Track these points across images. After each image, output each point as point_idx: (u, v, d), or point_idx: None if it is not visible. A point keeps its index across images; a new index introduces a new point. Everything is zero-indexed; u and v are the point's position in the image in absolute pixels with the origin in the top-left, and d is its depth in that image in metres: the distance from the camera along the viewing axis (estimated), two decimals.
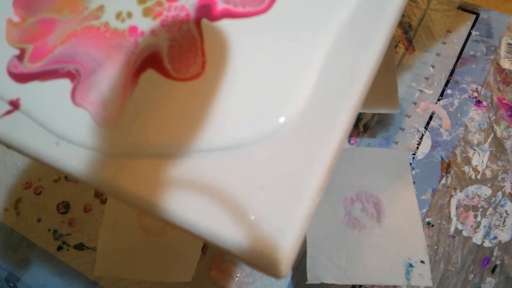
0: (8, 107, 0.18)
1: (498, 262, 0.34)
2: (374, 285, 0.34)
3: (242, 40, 0.18)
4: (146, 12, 0.19)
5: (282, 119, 0.16)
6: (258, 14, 0.18)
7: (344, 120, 0.16)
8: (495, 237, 0.35)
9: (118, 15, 0.19)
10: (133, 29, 0.18)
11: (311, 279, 0.33)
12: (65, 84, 0.18)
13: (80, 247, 0.37)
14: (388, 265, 0.33)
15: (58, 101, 0.18)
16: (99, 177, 0.17)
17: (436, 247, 0.35)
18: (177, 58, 0.18)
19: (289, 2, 0.18)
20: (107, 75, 0.18)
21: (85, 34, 0.19)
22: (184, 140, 0.16)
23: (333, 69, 0.17)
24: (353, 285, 0.34)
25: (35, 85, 0.18)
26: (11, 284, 0.37)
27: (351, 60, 0.16)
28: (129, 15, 0.19)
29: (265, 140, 0.16)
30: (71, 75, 0.18)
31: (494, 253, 0.35)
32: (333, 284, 0.33)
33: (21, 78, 0.18)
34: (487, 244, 0.35)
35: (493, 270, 0.34)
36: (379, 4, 0.17)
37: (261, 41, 0.17)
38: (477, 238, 0.35)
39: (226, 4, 0.18)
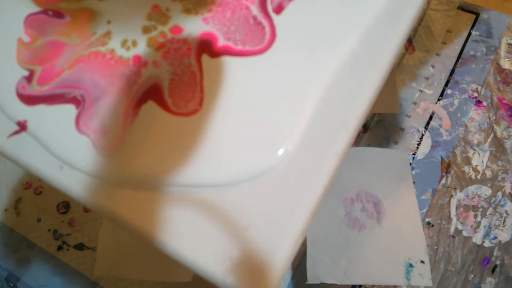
0: (16, 128, 0.18)
1: (498, 262, 0.34)
2: (374, 285, 0.34)
3: (240, 78, 0.18)
4: (150, 42, 0.19)
5: (271, 162, 0.17)
6: (257, 54, 0.18)
7: (331, 166, 0.16)
8: (495, 237, 0.35)
9: (124, 43, 0.19)
10: (137, 59, 0.19)
11: (311, 279, 0.33)
12: (70, 110, 0.18)
13: (80, 247, 0.37)
14: (388, 265, 0.33)
15: (63, 126, 0.18)
16: (97, 203, 0.17)
17: (436, 247, 0.35)
18: (177, 92, 0.18)
19: (288, 44, 0.18)
20: (110, 104, 0.18)
21: (92, 60, 0.19)
22: (175, 175, 0.17)
23: (324, 114, 0.17)
24: (353, 285, 0.34)
25: (42, 108, 0.19)
26: (11, 284, 0.37)
27: (343, 106, 0.17)
28: (134, 43, 0.19)
29: (254, 180, 0.17)
30: (77, 101, 0.19)
31: (494, 253, 0.35)
32: (333, 284, 0.33)
33: (29, 100, 0.19)
34: (487, 244, 0.35)
35: (493, 270, 0.34)
36: (374, 55, 0.17)
37: (259, 80, 0.18)
38: (477, 238, 0.35)
39: (227, 41, 0.19)
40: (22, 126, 0.18)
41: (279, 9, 0.19)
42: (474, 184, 0.37)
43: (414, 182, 0.36)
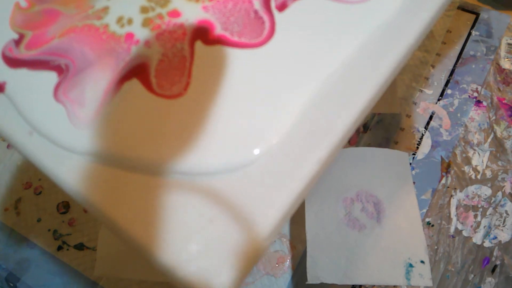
0: None
1: (498, 262, 0.34)
2: (374, 285, 0.34)
3: (231, 69, 0.18)
4: (146, 22, 0.19)
5: (248, 158, 0.16)
6: (252, 47, 0.18)
7: (309, 172, 0.16)
8: (495, 237, 0.35)
9: (119, 20, 0.19)
10: (129, 36, 0.19)
11: (311, 279, 0.33)
12: (51, 77, 0.18)
13: (80, 247, 0.37)
14: (388, 265, 0.33)
15: (40, 92, 0.18)
16: (59, 174, 0.17)
17: (436, 247, 0.35)
18: (164, 73, 0.18)
19: (285, 43, 0.18)
20: (92, 76, 0.18)
21: (84, 32, 0.19)
22: (146, 157, 0.17)
23: (311, 118, 0.17)
24: (353, 285, 0.34)
25: (23, 72, 0.18)
26: (11, 284, 0.37)
27: (332, 114, 0.17)
28: (130, 21, 0.19)
29: (228, 173, 0.16)
30: (60, 70, 0.18)
31: (494, 253, 0.35)
32: (333, 284, 0.33)
33: (13, 62, 0.19)
34: (487, 244, 0.35)
35: (493, 270, 0.34)
36: (371, 66, 0.17)
37: (249, 74, 0.18)
38: (477, 238, 0.35)
39: (224, 30, 0.18)
40: (0, 88, 0.18)
41: (282, 7, 0.19)
42: (474, 184, 0.37)
43: (414, 182, 0.36)
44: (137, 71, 0.18)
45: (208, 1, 0.19)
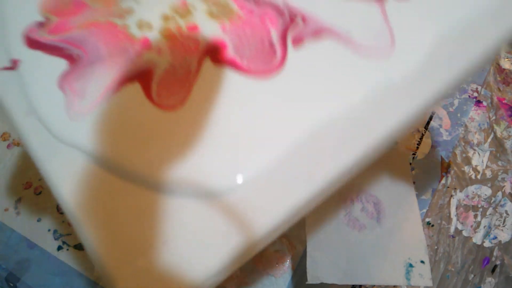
0: (8, 65, 0.19)
1: (498, 262, 0.34)
2: (374, 285, 0.34)
3: (231, 93, 0.18)
4: (163, 31, 0.19)
5: (223, 187, 0.16)
6: (257, 77, 0.18)
7: (275, 219, 0.16)
8: (495, 237, 0.35)
9: (140, 23, 0.19)
10: (145, 41, 0.19)
11: (311, 279, 0.33)
12: (61, 64, 0.19)
13: (80, 247, 0.37)
14: (388, 265, 0.33)
15: (48, 76, 0.19)
16: (43, 159, 0.17)
17: (436, 247, 0.35)
18: (166, 83, 0.18)
19: (290, 79, 0.18)
20: (99, 72, 0.18)
21: (104, 28, 0.20)
22: (125, 161, 0.17)
23: (296, 162, 0.16)
24: (353, 285, 0.34)
25: (38, 54, 0.19)
26: (11, 284, 0.37)
27: (318, 162, 0.16)
28: (149, 26, 0.19)
29: (197, 199, 0.16)
30: (72, 59, 0.19)
31: (494, 253, 0.35)
32: (333, 284, 0.33)
33: (32, 43, 0.19)
34: (487, 244, 0.35)
35: (493, 270, 0.34)
36: (373, 122, 0.17)
37: (246, 101, 0.18)
38: (477, 238, 0.35)
39: (235, 53, 0.18)
40: (14, 65, 0.19)
41: (297, 41, 0.18)
42: (474, 184, 0.37)
43: (414, 182, 0.36)
44: (141, 75, 0.18)
45: (228, 22, 0.19)
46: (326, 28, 0.18)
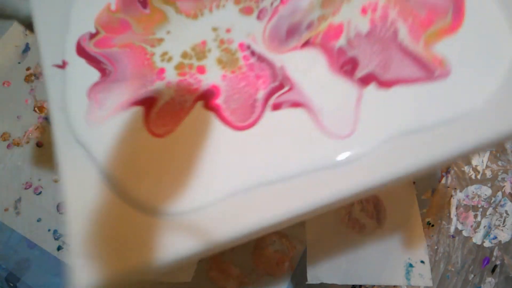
0: (60, 63, 0.22)
1: (498, 262, 0.34)
2: (374, 285, 0.34)
3: (207, 137, 0.20)
4: (179, 66, 0.22)
5: (175, 210, 0.19)
6: (233, 128, 0.20)
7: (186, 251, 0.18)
8: (495, 237, 0.35)
9: (164, 54, 0.22)
10: (161, 71, 0.22)
11: (311, 279, 0.33)
12: (95, 76, 0.22)
13: None
14: (388, 265, 0.33)
15: (83, 82, 0.22)
16: (61, 154, 0.20)
17: (436, 247, 0.35)
18: (162, 113, 0.21)
19: (256, 139, 0.20)
20: (119, 89, 0.21)
21: (136, 51, 0.22)
22: (113, 173, 0.19)
23: (227, 206, 0.19)
24: (353, 285, 0.34)
25: (82, 61, 0.22)
26: (11, 284, 0.37)
27: (241, 214, 0.18)
28: (169, 59, 0.22)
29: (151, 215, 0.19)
30: (104, 73, 0.22)
31: (494, 253, 0.35)
32: (333, 284, 0.33)
33: (80, 51, 0.23)
34: (487, 244, 0.35)
35: (493, 270, 0.34)
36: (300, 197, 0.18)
37: (218, 146, 0.20)
38: (477, 238, 0.35)
39: (224, 102, 0.21)
40: (63, 64, 0.22)
41: (276, 107, 0.20)
42: (474, 184, 0.37)
43: (414, 182, 0.36)
44: (147, 102, 0.21)
45: (230, 73, 0.21)
46: (304, 102, 0.20)
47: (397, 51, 0.20)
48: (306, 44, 0.21)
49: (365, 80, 0.20)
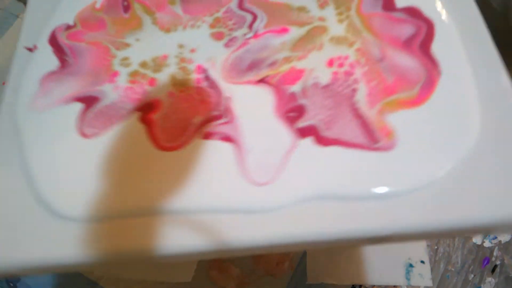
0: (31, 46, 0.23)
1: (498, 262, 0.34)
2: (374, 285, 0.34)
3: (132, 150, 0.20)
4: (132, 74, 0.22)
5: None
6: (158, 147, 0.19)
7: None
8: (495, 237, 0.35)
9: (125, 59, 0.22)
10: (114, 74, 0.22)
11: (311, 279, 0.33)
12: (55, 65, 0.23)
13: None
14: (388, 265, 0.33)
15: (41, 69, 0.22)
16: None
17: (436, 247, 0.35)
18: (98, 115, 0.21)
19: (180, 163, 0.19)
20: (69, 83, 0.22)
21: (100, 49, 0.23)
22: (35, 172, 0.19)
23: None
24: (353, 285, 0.34)
25: (49, 50, 0.23)
26: (11, 284, 0.37)
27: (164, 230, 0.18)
28: (128, 65, 0.22)
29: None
30: (63, 64, 0.22)
31: (494, 253, 0.35)
32: (333, 284, 0.33)
33: (51, 39, 0.23)
34: (487, 244, 0.35)
35: (493, 270, 0.34)
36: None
37: (140, 161, 0.19)
38: (477, 238, 0.35)
39: (160, 118, 0.20)
40: (33, 48, 0.23)
41: (207, 136, 0.19)
42: None
43: None
44: (89, 100, 0.21)
45: (179, 92, 0.21)
46: (236, 139, 0.19)
47: (348, 111, 0.19)
48: (262, 80, 0.21)
49: (304, 132, 0.19)
